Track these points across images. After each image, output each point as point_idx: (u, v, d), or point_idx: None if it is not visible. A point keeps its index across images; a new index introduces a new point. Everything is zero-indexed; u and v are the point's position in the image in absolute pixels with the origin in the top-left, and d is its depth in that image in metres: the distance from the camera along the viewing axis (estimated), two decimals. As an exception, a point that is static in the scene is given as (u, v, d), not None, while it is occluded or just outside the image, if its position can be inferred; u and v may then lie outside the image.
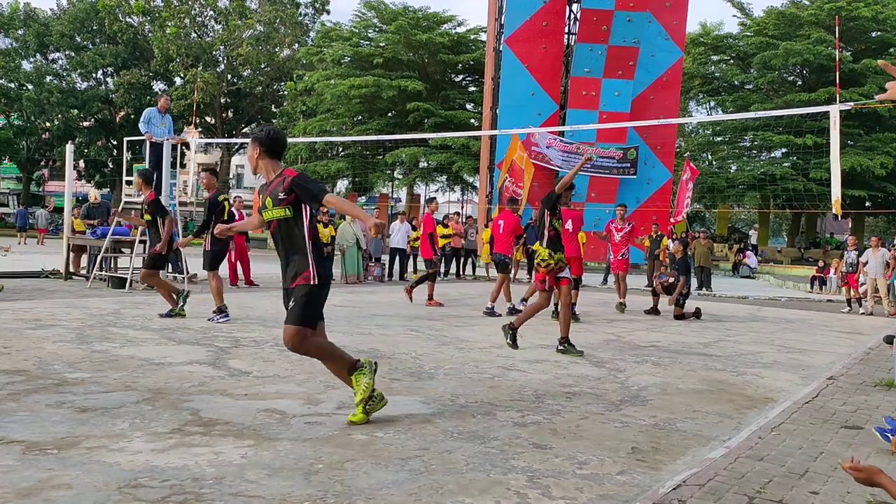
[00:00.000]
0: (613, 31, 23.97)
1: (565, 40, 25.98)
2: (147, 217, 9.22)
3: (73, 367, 5.61)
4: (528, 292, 11.51)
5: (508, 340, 7.59)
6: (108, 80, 43.15)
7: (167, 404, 4.64)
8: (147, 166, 12.69)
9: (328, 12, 44.23)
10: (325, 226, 15.46)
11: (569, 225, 11.74)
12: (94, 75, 42.97)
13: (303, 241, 4.38)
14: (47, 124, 42.82)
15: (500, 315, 10.64)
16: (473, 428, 4.45)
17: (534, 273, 7.90)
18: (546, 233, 7.47)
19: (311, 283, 4.33)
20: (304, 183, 4.28)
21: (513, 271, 19.42)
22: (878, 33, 34.94)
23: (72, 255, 13.74)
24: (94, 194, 15.57)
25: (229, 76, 42.56)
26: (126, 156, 19.36)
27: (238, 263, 13.69)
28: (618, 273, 12.76)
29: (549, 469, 3.76)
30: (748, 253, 28.46)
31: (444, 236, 19.06)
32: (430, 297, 11.91)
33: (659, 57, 25.09)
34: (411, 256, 18.17)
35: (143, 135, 12.73)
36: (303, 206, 4.37)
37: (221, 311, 8.75)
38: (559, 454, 4.03)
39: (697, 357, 7.78)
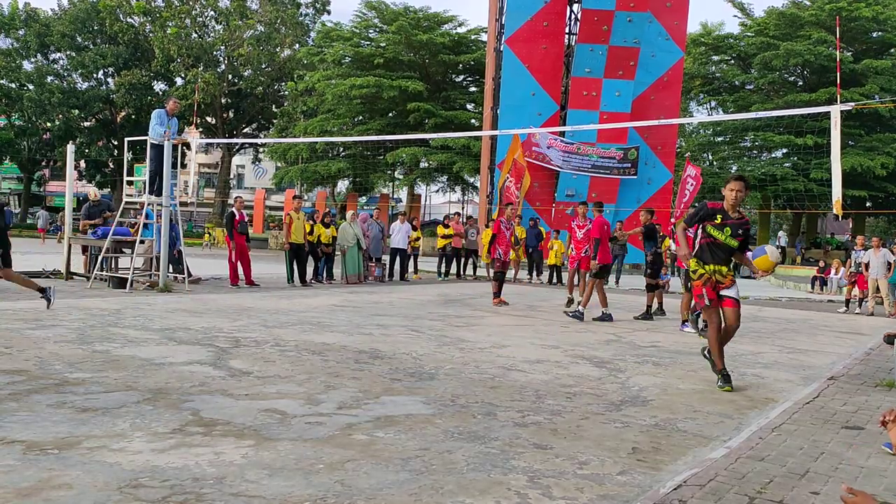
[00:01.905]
0: (614, 32, 23.98)
1: (566, 40, 25.99)
2: None
3: (74, 367, 5.61)
4: (682, 306, 10.66)
5: (707, 355, 6.50)
6: (109, 80, 43.19)
7: (168, 404, 4.64)
8: (149, 167, 12.67)
9: (329, 12, 44.30)
10: (327, 226, 15.46)
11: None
12: (94, 75, 43.01)
13: None
14: (48, 124, 42.86)
15: (609, 317, 10.82)
16: (474, 428, 4.45)
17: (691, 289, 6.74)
18: (697, 242, 6.44)
19: None
20: None
21: (513, 272, 19.48)
22: (879, 34, 34.97)
23: (83, 256, 13.78)
24: (93, 192, 15.53)
25: (230, 76, 42.59)
26: (127, 156, 19.39)
27: (239, 263, 13.68)
28: (577, 270, 12.70)
29: (549, 469, 3.76)
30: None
31: (444, 236, 19.07)
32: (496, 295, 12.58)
33: (659, 57, 25.10)
34: (412, 256, 18.18)
35: (158, 135, 12.48)
36: None
37: (43, 290, 8.95)
38: (560, 454, 4.03)
39: (698, 357, 7.76)
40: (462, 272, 19.51)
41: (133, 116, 42.46)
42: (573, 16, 26.23)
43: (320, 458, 3.74)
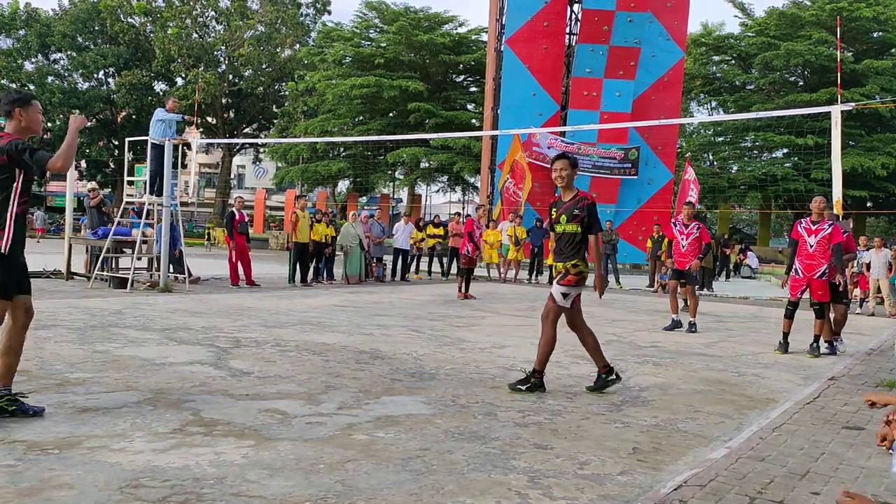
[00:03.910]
0: (614, 32, 23.96)
1: (566, 41, 25.97)
2: None
3: (75, 367, 5.61)
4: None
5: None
6: (110, 80, 43.22)
7: (168, 404, 4.64)
8: (149, 167, 12.68)
9: (329, 12, 44.34)
10: (327, 226, 15.43)
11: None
12: (95, 76, 43.04)
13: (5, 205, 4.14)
14: (49, 125, 42.88)
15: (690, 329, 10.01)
16: (474, 428, 4.45)
17: None
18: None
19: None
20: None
21: (514, 272, 19.47)
22: (880, 34, 34.97)
23: (85, 256, 13.78)
24: (90, 186, 15.50)
25: (230, 76, 42.61)
26: (127, 156, 19.41)
27: (239, 263, 13.68)
28: None
29: (550, 469, 3.76)
30: (749, 253, 28.47)
31: (431, 236, 19.13)
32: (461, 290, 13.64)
33: (660, 57, 25.07)
34: (415, 257, 18.21)
35: (160, 133, 12.40)
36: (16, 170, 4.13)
37: None
38: (560, 454, 4.03)
39: (698, 357, 7.78)
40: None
41: (134, 116, 42.50)
42: (573, 16, 26.22)
43: (321, 458, 3.74)
